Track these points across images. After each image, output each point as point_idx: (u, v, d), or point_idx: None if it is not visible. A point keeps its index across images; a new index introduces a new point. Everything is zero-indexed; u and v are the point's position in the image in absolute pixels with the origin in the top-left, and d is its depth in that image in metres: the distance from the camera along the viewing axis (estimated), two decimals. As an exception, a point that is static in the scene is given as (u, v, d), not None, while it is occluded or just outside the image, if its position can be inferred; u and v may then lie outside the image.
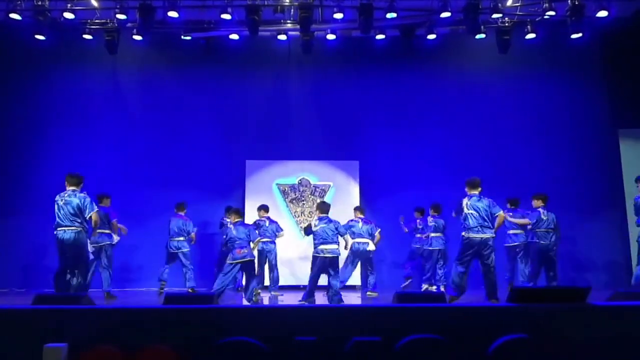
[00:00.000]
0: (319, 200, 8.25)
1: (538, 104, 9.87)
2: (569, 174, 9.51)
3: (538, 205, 7.67)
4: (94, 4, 8.56)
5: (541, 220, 7.50)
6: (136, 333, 2.99)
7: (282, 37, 9.26)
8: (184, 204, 8.46)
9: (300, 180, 9.68)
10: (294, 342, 2.90)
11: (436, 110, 9.93)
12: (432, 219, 8.51)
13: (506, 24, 8.98)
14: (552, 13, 8.30)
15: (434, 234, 8.48)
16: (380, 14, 8.39)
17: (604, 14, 8.10)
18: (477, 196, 6.53)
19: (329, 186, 9.65)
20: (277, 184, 9.65)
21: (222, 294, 6.90)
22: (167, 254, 8.33)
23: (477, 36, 8.91)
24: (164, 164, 9.60)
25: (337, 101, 10.01)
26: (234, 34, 9.28)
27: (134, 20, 8.52)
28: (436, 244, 8.47)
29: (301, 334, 2.95)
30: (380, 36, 9.30)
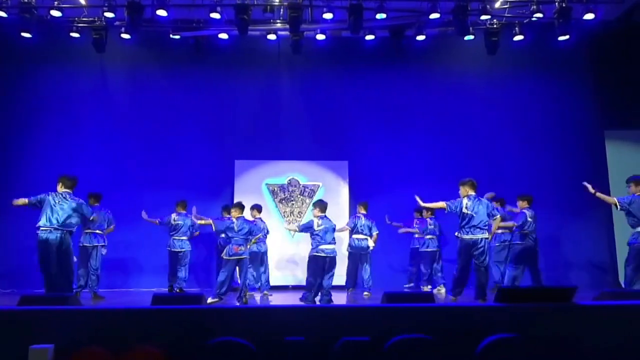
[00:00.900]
0: (315, 199, 8.19)
1: (525, 105, 9.96)
2: (555, 174, 9.60)
3: (523, 206, 7.63)
4: (82, 1, 8.47)
5: (527, 222, 7.45)
6: (124, 334, 2.97)
7: (271, 36, 9.22)
8: (186, 203, 8.43)
9: (290, 180, 9.67)
10: (283, 342, 2.90)
11: (425, 110, 9.98)
12: (431, 220, 8.60)
13: (494, 26, 9.05)
14: (539, 15, 8.39)
15: (429, 236, 8.57)
16: (370, 14, 8.41)
17: (590, 16, 8.19)
18: (477, 197, 6.59)
19: (319, 186, 9.65)
20: (266, 184, 9.63)
21: (227, 293, 6.93)
22: (170, 254, 8.27)
23: (466, 37, 8.96)
24: (152, 163, 9.53)
25: (326, 101, 10.02)
26: (223, 33, 9.23)
27: (122, 18, 8.43)
28: (432, 246, 8.56)
29: (290, 334, 2.95)
30: (369, 37, 9.32)
